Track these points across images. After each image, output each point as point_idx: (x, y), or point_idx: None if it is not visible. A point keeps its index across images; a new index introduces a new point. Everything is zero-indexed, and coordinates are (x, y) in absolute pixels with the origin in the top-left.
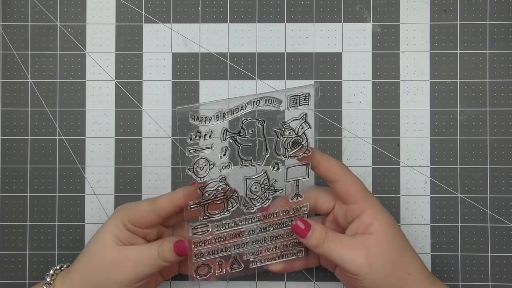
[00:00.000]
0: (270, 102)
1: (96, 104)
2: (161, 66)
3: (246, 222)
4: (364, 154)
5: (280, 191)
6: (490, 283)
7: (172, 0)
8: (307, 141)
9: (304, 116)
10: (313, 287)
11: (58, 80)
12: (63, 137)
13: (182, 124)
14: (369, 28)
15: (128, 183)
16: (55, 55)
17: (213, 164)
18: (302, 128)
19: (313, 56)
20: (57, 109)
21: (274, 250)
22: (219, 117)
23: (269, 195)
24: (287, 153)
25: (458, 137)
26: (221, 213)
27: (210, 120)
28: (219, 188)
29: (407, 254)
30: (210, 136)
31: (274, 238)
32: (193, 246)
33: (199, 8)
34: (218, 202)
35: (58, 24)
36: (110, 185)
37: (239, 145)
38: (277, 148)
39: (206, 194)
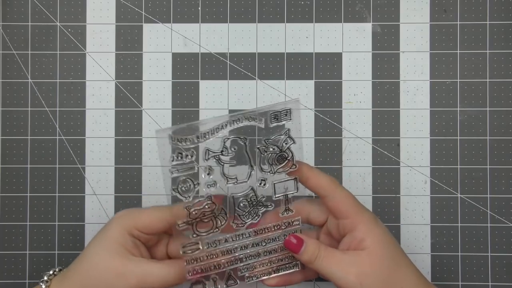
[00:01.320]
0: (250, 120)
1: (96, 104)
2: (161, 66)
3: (238, 239)
4: (364, 154)
5: (270, 206)
6: (490, 283)
7: (172, 0)
8: (292, 156)
9: (287, 131)
10: (313, 287)
11: (58, 80)
12: (63, 137)
13: (162, 147)
14: (369, 28)
15: (128, 183)
16: (55, 55)
17: (198, 183)
18: (286, 143)
19: (313, 56)
20: (57, 109)
21: (269, 264)
22: (200, 137)
23: (258, 210)
24: (273, 169)
25: (458, 137)
26: (211, 231)
27: (190, 141)
28: (206, 206)
29: (401, 270)
30: (192, 156)
31: (267, 253)
32: (185, 263)
33: (199, 8)
34: (206, 220)
35: (58, 24)
36: (110, 185)
37: (222, 163)
38: (262, 164)
39: (193, 212)
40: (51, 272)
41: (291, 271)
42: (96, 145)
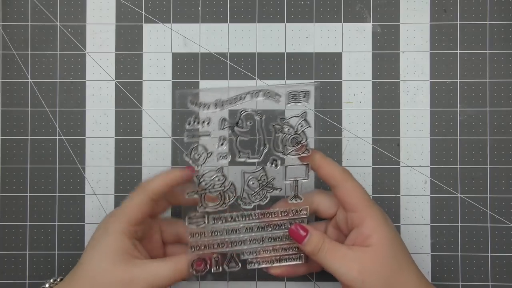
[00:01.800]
0: (269, 96)
1: (96, 104)
2: (161, 66)
3: (244, 219)
4: (364, 154)
5: (279, 189)
6: (490, 283)
7: (172, 0)
8: (306, 140)
9: (304, 114)
10: (313, 287)
11: (58, 80)
12: (63, 137)
13: (181, 109)
14: (369, 28)
15: (128, 183)
16: (55, 55)
17: (211, 153)
18: (301, 126)
19: (313, 56)
20: (57, 109)
21: (273, 252)
22: (218, 105)
23: (267, 192)
24: (285, 151)
25: (458, 137)
26: (218, 206)
27: (209, 107)
28: (216, 179)
29: (404, 272)
30: (208, 123)
31: (272, 240)
32: (189, 236)
33: (199, 8)
34: (214, 194)
35: (58, 24)
36: (110, 185)
37: (237, 136)
38: (276, 144)
39: (203, 183)
40: (51, 280)
41: (294, 263)
42: (96, 145)
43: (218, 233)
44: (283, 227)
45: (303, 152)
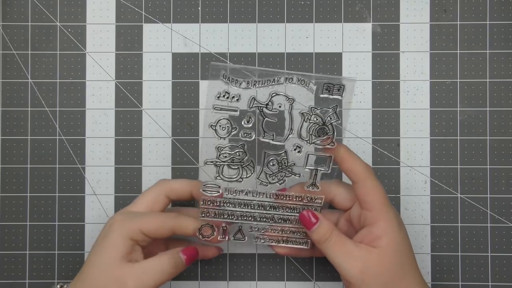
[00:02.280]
0: (302, 83)
1: (96, 104)
2: (161, 66)
3: (258, 196)
4: (364, 154)
5: (298, 175)
6: (490, 283)
7: (172, 0)
8: (333, 133)
9: (335, 107)
10: (313, 287)
11: (58, 80)
12: (63, 137)
13: (213, 81)
14: (369, 28)
15: (128, 183)
16: (55, 55)
17: (236, 128)
18: (330, 118)
19: (313, 56)
20: (57, 109)
21: (280, 232)
22: (250, 83)
23: (285, 175)
24: (311, 139)
25: (458, 137)
26: (234, 179)
27: (240, 84)
28: (237, 154)
29: (406, 279)
30: (238, 100)
31: (282, 221)
32: (201, 203)
33: (199, 8)
34: (233, 167)
35: (58, 24)
36: (110, 185)
37: (264, 117)
38: (302, 131)
39: (223, 156)
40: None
41: (300, 246)
42: (96, 145)
43: (230, 205)
44: (295, 211)
45: (328, 144)
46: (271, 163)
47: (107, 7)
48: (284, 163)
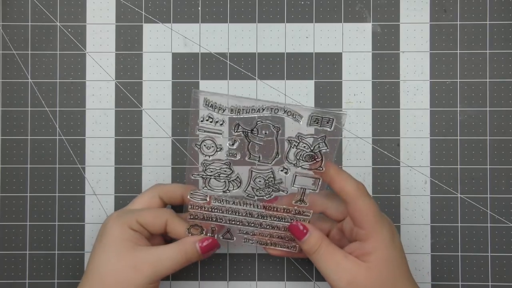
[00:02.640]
0: (289, 115)
1: (96, 104)
2: (161, 66)
3: (246, 205)
4: (364, 154)
5: (285, 191)
6: (490, 283)
7: (172, 0)
8: (322, 158)
9: (324, 137)
10: (313, 287)
11: (58, 80)
12: (63, 137)
13: (195, 106)
14: (369, 28)
15: (128, 183)
16: (55, 55)
17: (221, 148)
18: (319, 146)
19: (313, 56)
20: (57, 109)
21: (269, 237)
22: (234, 111)
23: (272, 191)
24: (298, 163)
25: (458, 137)
26: (221, 190)
27: (224, 110)
28: (223, 170)
29: None
30: (221, 124)
31: (270, 227)
32: (189, 207)
33: (199, 8)
34: (220, 181)
35: (58, 24)
36: (110, 185)
37: (249, 140)
38: (289, 155)
39: (209, 171)
40: None
41: (288, 250)
42: (96, 145)
43: (219, 211)
44: (284, 220)
45: (316, 168)
46: (258, 180)
47: (107, 7)
48: (271, 181)
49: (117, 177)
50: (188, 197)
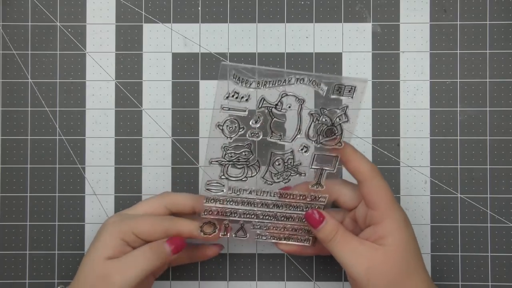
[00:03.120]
0: (314, 84)
1: (96, 104)
2: (161, 66)
3: (262, 194)
4: (364, 154)
5: (303, 174)
6: (490, 283)
7: (172, 0)
8: (341, 133)
9: (345, 108)
10: (313, 287)
11: (58, 80)
12: (63, 137)
13: (221, 81)
14: (369, 28)
15: (128, 183)
16: (55, 55)
17: (243, 128)
18: (339, 119)
19: (313, 56)
20: (57, 109)
21: (282, 230)
22: (260, 84)
23: (290, 175)
24: (318, 139)
25: (458, 137)
26: (239, 178)
27: (250, 84)
28: (243, 153)
29: (412, 278)
30: (247, 100)
31: (285, 219)
32: (204, 201)
33: (199, 8)
34: (239, 167)
35: (58, 24)
36: (110, 185)
37: (272, 117)
38: (309, 131)
39: (228, 156)
40: None
41: (301, 244)
42: (96, 145)
43: (233, 203)
44: (299, 209)
45: (335, 144)
46: (277, 163)
47: (107, 7)
48: (290, 162)
49: (117, 177)
50: (204, 189)
